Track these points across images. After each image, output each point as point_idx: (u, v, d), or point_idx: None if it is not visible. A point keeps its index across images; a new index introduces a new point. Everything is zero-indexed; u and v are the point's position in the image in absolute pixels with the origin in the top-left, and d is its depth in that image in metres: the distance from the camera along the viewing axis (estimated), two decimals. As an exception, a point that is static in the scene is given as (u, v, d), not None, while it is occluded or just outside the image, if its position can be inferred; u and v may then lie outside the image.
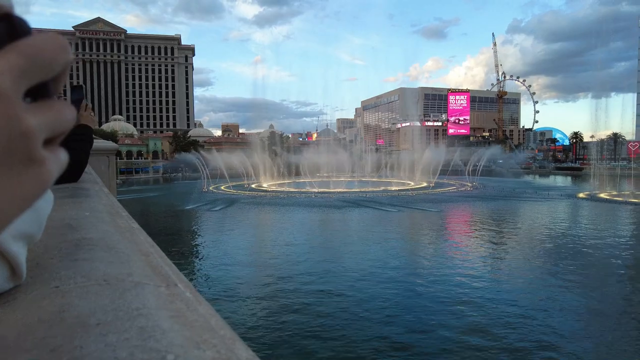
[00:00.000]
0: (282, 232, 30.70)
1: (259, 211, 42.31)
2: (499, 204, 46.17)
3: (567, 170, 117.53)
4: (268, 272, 19.52)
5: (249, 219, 38.13)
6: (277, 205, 44.60)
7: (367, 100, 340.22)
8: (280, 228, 32.71)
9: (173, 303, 0.70)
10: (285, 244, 25.97)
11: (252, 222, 36.69)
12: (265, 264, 21.26)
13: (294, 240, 27.07)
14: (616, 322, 13.71)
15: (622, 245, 26.39)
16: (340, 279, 18.07)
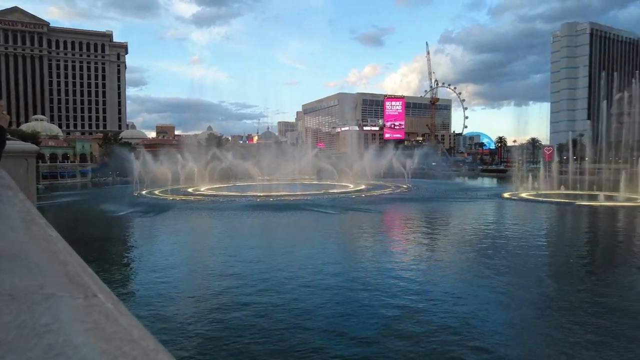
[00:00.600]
0: (219, 238, 29.93)
1: (196, 217, 40.81)
2: (432, 205, 48.56)
3: (493, 172, 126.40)
4: (204, 279, 18.92)
5: (184, 225, 36.69)
6: (215, 210, 43.33)
7: (308, 104, 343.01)
8: (217, 234, 31.88)
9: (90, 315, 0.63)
10: (222, 250, 25.36)
11: (187, 229, 35.30)
12: (200, 271, 20.58)
13: (231, 246, 26.49)
14: (538, 310, 14.92)
15: (541, 239, 28.87)
16: (278, 283, 17.95)
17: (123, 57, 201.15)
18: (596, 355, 11.53)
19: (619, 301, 15.89)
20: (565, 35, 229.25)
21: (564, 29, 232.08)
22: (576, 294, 16.90)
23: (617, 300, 16.05)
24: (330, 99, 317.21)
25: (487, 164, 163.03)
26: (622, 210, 42.76)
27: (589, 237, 31.35)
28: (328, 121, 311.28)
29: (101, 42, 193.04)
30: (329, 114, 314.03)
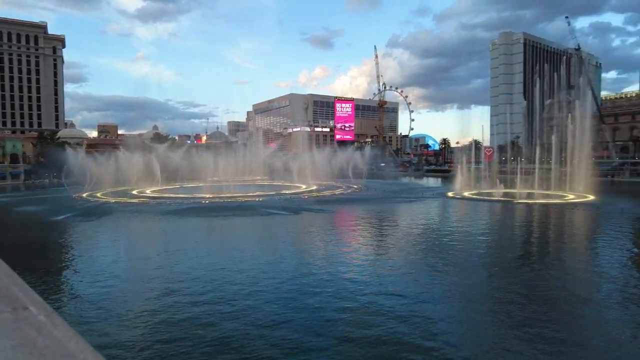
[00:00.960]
0: (164, 243, 28.94)
1: (140, 221, 39.22)
2: (381, 204, 50.02)
3: (438, 172, 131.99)
4: (148, 287, 18.32)
5: (128, 229, 35.18)
6: (160, 214, 41.78)
7: (259, 104, 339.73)
8: (162, 238, 30.81)
9: (19, 330, 0.57)
10: (168, 256, 24.67)
11: (130, 233, 33.89)
12: (144, 279, 19.89)
13: (177, 252, 25.78)
14: (483, 305, 15.91)
15: (482, 236, 30.68)
16: (227, 289, 17.79)
17: (60, 51, 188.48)
18: (525, 339, 12.53)
19: (545, 290, 17.33)
20: (502, 44, 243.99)
21: (501, 38, 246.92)
22: (511, 286, 18.20)
23: (544, 289, 17.48)
24: (282, 100, 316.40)
25: (432, 164, 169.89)
26: (553, 207, 46.30)
27: (525, 232, 33.71)
28: (279, 121, 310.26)
29: (34, 33, 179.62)
30: (280, 115, 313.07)
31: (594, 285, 18.54)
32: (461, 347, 12.35)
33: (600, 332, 13.40)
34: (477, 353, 12.02)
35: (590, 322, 14.37)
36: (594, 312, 15.22)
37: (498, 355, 11.80)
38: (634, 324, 14.04)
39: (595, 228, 35.17)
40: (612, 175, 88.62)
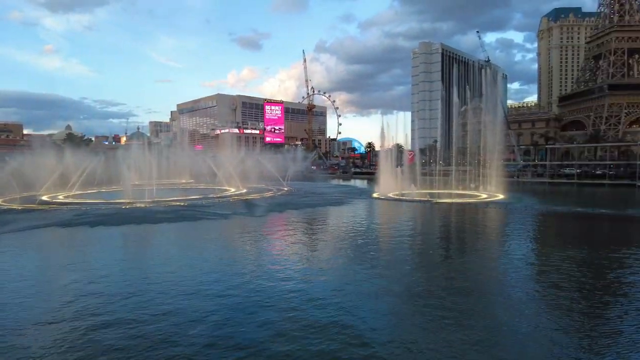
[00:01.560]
0: (79, 251, 26.85)
1: (51, 229, 35.87)
2: (311, 206, 50.63)
3: (364, 174, 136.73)
4: (66, 300, 16.95)
5: (37, 240, 32.01)
6: (74, 221, 38.54)
7: (184, 104, 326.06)
8: (77, 247, 28.56)
9: None
10: (84, 266, 22.96)
11: (40, 244, 30.88)
12: (60, 291, 18.35)
13: (94, 260, 24.09)
14: (408, 300, 16.80)
15: (405, 234, 32.36)
16: (150, 299, 17.01)
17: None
18: (446, 329, 13.52)
19: (462, 282, 18.80)
20: (422, 53, 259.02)
21: (421, 47, 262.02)
22: (432, 280, 19.47)
23: (461, 281, 18.96)
24: (208, 100, 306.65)
25: (358, 167, 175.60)
26: (468, 205, 50.15)
27: (443, 230, 36.17)
28: (206, 122, 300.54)
29: None
30: (207, 115, 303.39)
31: (505, 277, 20.45)
32: (383, 335, 12.97)
33: (507, 319, 14.84)
34: (398, 340, 12.70)
35: (500, 310, 15.83)
36: (504, 301, 16.80)
37: (419, 344, 12.56)
38: (535, 310, 15.73)
39: (505, 224, 38.75)
40: (518, 176, 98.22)
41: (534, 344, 12.62)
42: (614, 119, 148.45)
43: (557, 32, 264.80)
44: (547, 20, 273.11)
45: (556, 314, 15.02)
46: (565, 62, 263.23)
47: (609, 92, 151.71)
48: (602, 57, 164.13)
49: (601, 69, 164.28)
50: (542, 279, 20.06)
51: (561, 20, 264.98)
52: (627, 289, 18.30)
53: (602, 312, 15.48)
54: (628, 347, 12.45)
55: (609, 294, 17.59)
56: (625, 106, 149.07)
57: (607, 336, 13.31)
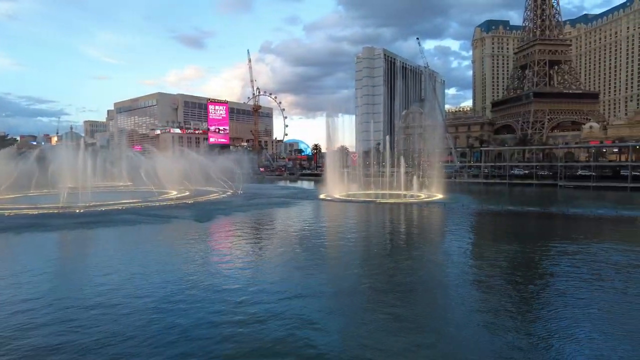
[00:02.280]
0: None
1: None
2: (258, 207, 50.28)
3: (311, 176, 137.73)
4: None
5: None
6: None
7: (122, 103, 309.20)
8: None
9: None
10: (4, 277, 21.39)
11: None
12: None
13: (17, 271, 22.51)
14: (352, 296, 17.34)
15: (350, 234, 33.19)
16: (82, 308, 16.25)
17: None
18: (389, 321, 14.18)
19: (403, 279, 19.75)
20: (365, 58, 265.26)
21: (364, 52, 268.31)
22: (377, 277, 20.24)
23: (399, 282, 19.89)
24: (148, 98, 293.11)
25: (305, 168, 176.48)
26: (409, 205, 52.28)
27: (386, 228, 37.49)
28: (146, 122, 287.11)
29: None
30: (147, 115, 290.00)
31: (442, 271, 21.70)
32: (331, 332, 13.38)
33: (441, 309, 15.84)
34: (345, 336, 13.16)
35: (438, 301, 16.84)
36: (440, 293, 17.87)
37: (365, 338, 13.09)
38: (469, 300, 16.91)
39: (443, 222, 40.91)
40: (455, 177, 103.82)
41: (469, 329, 13.64)
42: (539, 124, 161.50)
43: (489, 42, 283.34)
44: (480, 30, 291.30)
45: (491, 302, 16.30)
46: (497, 70, 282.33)
47: (534, 99, 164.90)
48: (527, 67, 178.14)
49: (527, 77, 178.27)
50: (477, 271, 21.57)
51: (492, 31, 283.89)
52: (549, 278, 20.25)
53: (530, 299, 17.00)
54: (551, 323, 13.83)
55: (533, 282, 19.34)
56: (548, 112, 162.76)
57: (532, 319, 14.69)
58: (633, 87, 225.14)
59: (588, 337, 13.31)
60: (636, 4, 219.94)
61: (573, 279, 19.55)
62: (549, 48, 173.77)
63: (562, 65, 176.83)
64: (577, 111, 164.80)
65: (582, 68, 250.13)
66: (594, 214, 43.76)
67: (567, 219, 42.18)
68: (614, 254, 24.76)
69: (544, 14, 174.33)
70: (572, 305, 16.12)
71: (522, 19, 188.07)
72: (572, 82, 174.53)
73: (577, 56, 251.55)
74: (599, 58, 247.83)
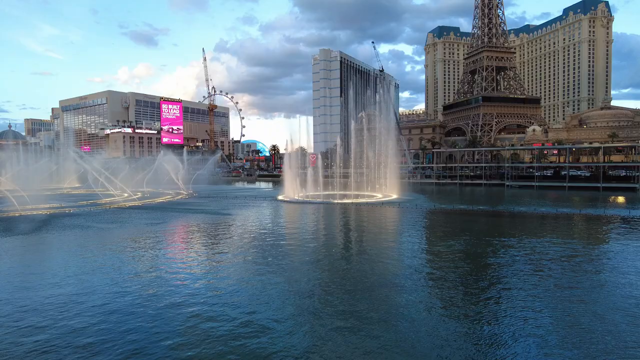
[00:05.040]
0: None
1: None
2: (215, 209, 49.39)
3: (269, 177, 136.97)
4: None
5: None
6: None
7: (68, 100, 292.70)
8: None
9: None
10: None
11: None
12: None
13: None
14: (311, 298, 17.54)
15: (307, 235, 33.42)
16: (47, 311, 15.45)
17: None
18: (345, 320, 14.52)
19: (358, 282, 20.21)
20: (322, 60, 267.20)
21: (321, 54, 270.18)
22: (332, 278, 20.57)
23: (356, 282, 20.36)
24: (97, 96, 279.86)
25: (263, 169, 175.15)
26: (365, 205, 53.34)
27: (343, 229, 38.07)
28: (94, 121, 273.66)
29: None
30: (96, 113, 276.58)
31: (398, 271, 22.40)
32: (293, 334, 13.53)
33: (401, 309, 16.41)
34: (309, 337, 13.36)
35: (394, 300, 17.42)
36: (397, 293, 18.48)
37: (329, 340, 13.34)
38: (427, 297, 17.63)
39: (398, 221, 42.08)
40: (409, 177, 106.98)
41: (424, 321, 14.26)
42: (487, 126, 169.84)
43: (441, 48, 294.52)
44: (432, 36, 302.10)
45: (442, 295, 17.10)
46: (448, 75, 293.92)
47: (483, 103, 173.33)
48: (476, 72, 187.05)
49: (476, 82, 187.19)
50: (430, 266, 22.47)
51: (444, 38, 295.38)
52: (493, 271, 21.50)
53: (477, 291, 17.98)
54: (495, 311, 14.75)
55: (481, 275, 20.46)
56: (496, 116, 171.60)
57: (480, 306, 15.58)
58: (569, 94, 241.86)
59: (523, 318, 14.31)
60: (570, 18, 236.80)
61: (515, 270, 20.89)
62: (496, 55, 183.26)
63: (508, 71, 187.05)
64: (522, 115, 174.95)
65: (525, 75, 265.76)
66: (538, 211, 46.65)
67: (513, 216, 44.71)
68: (551, 247, 26.64)
69: (491, 23, 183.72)
70: (514, 292, 17.25)
71: (472, 26, 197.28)
72: (517, 87, 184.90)
73: (521, 63, 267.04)
74: (539, 66, 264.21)
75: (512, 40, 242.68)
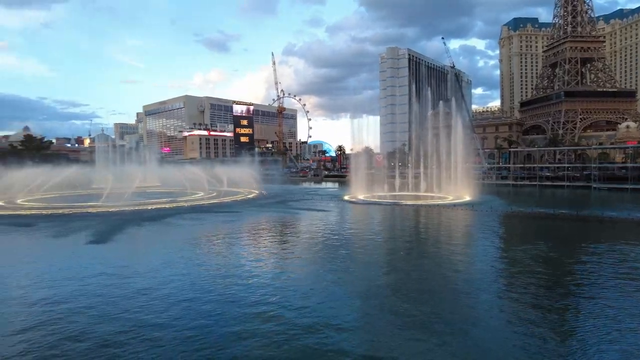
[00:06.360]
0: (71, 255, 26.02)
1: (22, 235, 34.48)
2: (282, 208, 50.73)
3: (335, 177, 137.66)
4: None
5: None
6: (34, 228, 37.17)
7: (150, 106, 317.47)
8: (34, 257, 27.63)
9: None
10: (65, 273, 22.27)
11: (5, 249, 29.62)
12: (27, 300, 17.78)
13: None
14: (382, 300, 17.31)
15: (375, 236, 33.04)
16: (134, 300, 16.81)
17: None
18: (418, 325, 14.08)
19: (427, 286, 19.52)
20: (389, 58, 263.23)
21: (388, 53, 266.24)
22: (406, 281, 20.09)
23: (424, 285, 19.67)
24: (176, 101, 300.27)
25: (329, 169, 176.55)
26: (436, 207, 51.59)
27: (413, 232, 37.12)
28: (173, 124, 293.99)
29: None
30: (174, 117, 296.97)
31: (469, 276, 21.34)
32: (358, 338, 13.39)
33: (477, 314, 15.59)
34: (378, 340, 13.16)
35: (465, 307, 16.58)
36: (468, 298, 17.58)
37: (399, 346, 13.05)
38: (498, 305, 16.59)
39: (470, 224, 40.16)
40: (483, 178, 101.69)
41: (497, 329, 13.40)
42: (570, 124, 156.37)
43: (517, 41, 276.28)
44: (507, 29, 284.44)
45: (522, 308, 15.94)
46: (525, 69, 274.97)
47: (565, 98, 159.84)
48: (558, 65, 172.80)
49: (557, 76, 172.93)
50: (508, 276, 21.11)
51: (520, 30, 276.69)
52: (576, 279, 19.60)
53: (556, 300, 16.52)
54: (588, 330, 13.42)
55: (562, 283, 18.77)
56: (580, 112, 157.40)
57: (568, 327, 14.29)
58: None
59: (616, 334, 12.85)
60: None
61: (603, 279, 18.89)
62: (580, 45, 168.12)
63: (595, 62, 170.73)
64: (612, 110, 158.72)
65: (617, 66, 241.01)
66: (632, 217, 41.96)
67: (601, 222, 40.66)
68: (653, 259, 23.77)
69: (575, 10, 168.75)
70: (600, 305, 15.60)
71: (552, 15, 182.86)
72: (606, 80, 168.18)
73: (612, 53, 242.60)
74: (636, 55, 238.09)
75: (601, 28, 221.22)
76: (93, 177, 78.02)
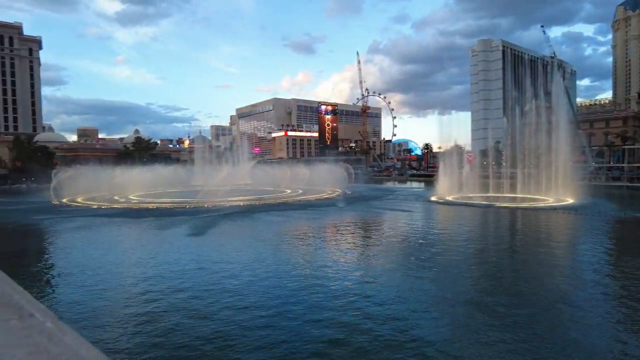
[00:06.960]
0: (163, 245, 28.83)
1: (133, 225, 38.90)
2: (366, 207, 50.53)
3: (421, 177, 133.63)
4: (143, 289, 18.30)
5: (112, 234, 34.79)
6: (132, 219, 41.47)
7: (243, 109, 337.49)
8: (164, 243, 30.68)
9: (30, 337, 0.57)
10: (164, 263, 24.55)
11: (123, 238, 33.54)
12: (136, 281, 19.83)
13: (174, 256, 25.71)
14: (469, 308, 16.42)
15: (465, 240, 31.33)
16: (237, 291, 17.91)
17: (36, 53, 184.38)
18: (519, 342, 13.02)
19: (523, 289, 17.95)
20: (481, 51, 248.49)
21: (479, 45, 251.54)
22: (495, 289, 18.75)
23: (521, 295, 18.10)
24: (265, 104, 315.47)
25: (414, 169, 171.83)
26: (534, 210, 47.53)
27: (507, 236, 34.58)
28: (263, 126, 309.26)
29: (9, 34, 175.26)
30: (264, 119, 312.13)
31: (571, 288, 19.25)
32: (447, 342, 12.76)
33: (574, 329, 14.00)
34: (465, 349, 12.45)
35: (567, 321, 14.96)
36: (570, 312, 15.84)
37: (485, 355, 12.23)
38: (610, 321, 14.71)
39: (575, 230, 36.30)
40: (589, 179, 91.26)
41: (601, 346, 11.85)
42: None
43: (636, 22, 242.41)
44: (623, 9, 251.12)
45: (628, 319, 13.96)
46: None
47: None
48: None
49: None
50: (614, 284, 18.65)
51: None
52: None
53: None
54: None
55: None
56: None
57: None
58: None
59: None
60: None
61: None
62: None
63: None
64: None
65: None
66: None
67: None
68: None
69: None
70: None
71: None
72: None
73: None
74: None
75: None
76: (192, 176, 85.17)
